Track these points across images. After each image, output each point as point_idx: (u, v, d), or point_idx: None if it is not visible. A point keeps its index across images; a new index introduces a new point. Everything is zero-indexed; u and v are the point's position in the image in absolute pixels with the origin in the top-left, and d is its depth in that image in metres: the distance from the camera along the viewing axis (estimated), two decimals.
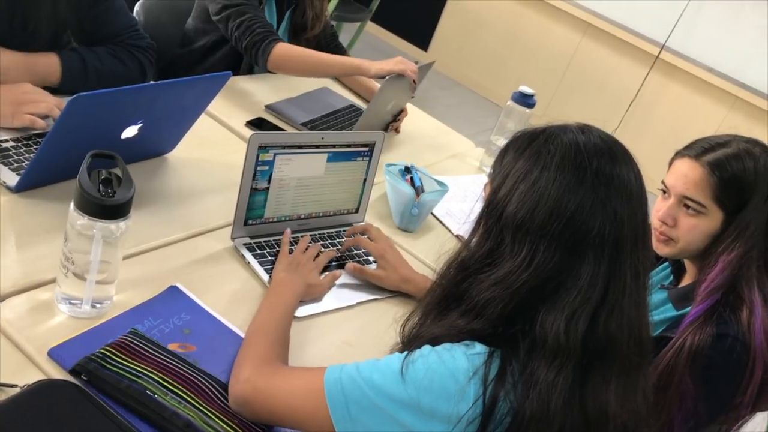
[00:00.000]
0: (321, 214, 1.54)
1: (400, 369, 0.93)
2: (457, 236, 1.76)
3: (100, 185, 1.05)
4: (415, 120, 2.26)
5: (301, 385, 1.00)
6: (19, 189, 1.31)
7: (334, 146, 1.48)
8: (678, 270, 1.59)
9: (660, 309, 1.55)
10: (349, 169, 1.54)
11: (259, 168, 1.38)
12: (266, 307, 1.22)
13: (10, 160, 1.36)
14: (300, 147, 1.42)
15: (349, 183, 1.56)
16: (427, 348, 0.95)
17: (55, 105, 1.46)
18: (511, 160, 0.99)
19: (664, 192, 1.47)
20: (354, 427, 0.94)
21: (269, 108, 1.98)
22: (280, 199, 1.44)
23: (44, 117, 1.46)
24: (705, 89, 4.69)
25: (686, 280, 1.54)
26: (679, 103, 4.82)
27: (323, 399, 0.96)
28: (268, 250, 1.41)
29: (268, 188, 1.41)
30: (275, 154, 1.39)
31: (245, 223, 1.41)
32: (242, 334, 1.19)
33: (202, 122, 1.66)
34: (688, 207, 1.41)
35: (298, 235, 1.48)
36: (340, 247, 1.50)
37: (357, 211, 1.61)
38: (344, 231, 1.56)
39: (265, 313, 1.20)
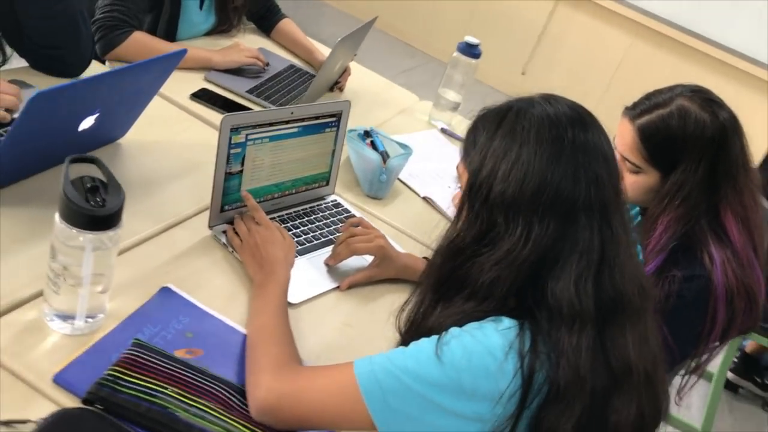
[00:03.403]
0: (294, 191, 1.49)
1: (435, 352, 0.92)
2: (424, 198, 1.75)
3: (87, 194, 0.97)
4: (357, 76, 2.20)
5: (330, 383, 0.97)
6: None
7: (303, 120, 1.42)
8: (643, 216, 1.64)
9: None
10: (319, 141, 1.48)
11: (232, 151, 1.31)
12: (259, 308, 1.16)
13: None
14: (271, 125, 1.35)
15: (319, 156, 1.51)
16: (456, 329, 0.94)
17: (16, 96, 1.33)
18: (485, 141, 0.98)
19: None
20: (394, 418, 0.93)
21: (209, 79, 1.87)
22: (254, 181, 1.38)
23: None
24: (610, 18, 4.80)
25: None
26: (586, 34, 4.92)
27: (358, 394, 0.94)
28: None
29: (241, 171, 1.34)
30: (247, 135, 1.32)
31: (222, 210, 1.35)
32: (244, 330, 1.15)
33: None
34: (627, 164, 1.45)
35: (275, 216, 1.43)
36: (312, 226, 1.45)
37: (327, 183, 1.56)
38: (318, 206, 1.52)
39: (261, 314, 1.14)
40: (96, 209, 0.96)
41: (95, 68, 1.68)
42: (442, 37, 5.25)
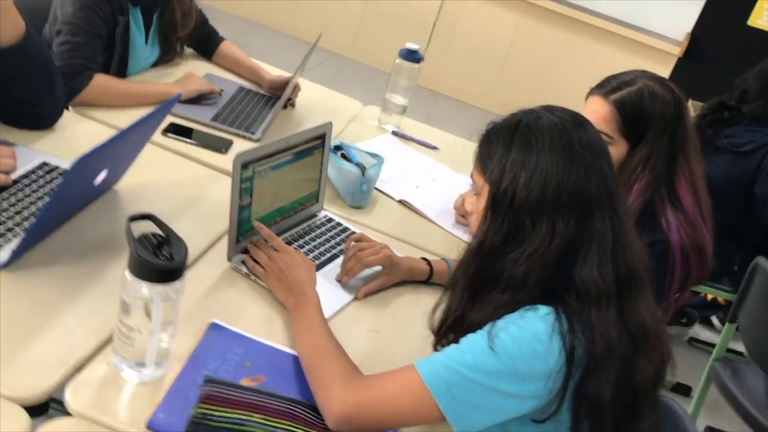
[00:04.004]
0: (292, 213, 1.58)
1: (488, 345, 1.05)
2: (400, 201, 1.87)
3: (155, 250, 1.04)
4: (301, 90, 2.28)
5: (399, 387, 1.08)
6: (10, 263, 1.22)
7: (296, 146, 1.51)
8: None
9: None
10: (310, 163, 1.58)
11: (242, 186, 1.38)
12: (305, 329, 1.25)
13: None
14: (272, 155, 1.44)
15: (311, 177, 1.60)
16: (500, 322, 1.08)
17: (12, 157, 1.35)
18: (502, 153, 1.12)
19: None
20: (461, 408, 1.06)
21: (173, 112, 1.91)
22: (260, 210, 1.46)
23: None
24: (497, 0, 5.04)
25: None
26: (477, 16, 5.14)
27: (427, 392, 1.06)
28: None
29: (251, 203, 1.42)
30: (254, 169, 1.40)
31: (237, 242, 1.42)
32: (292, 351, 1.24)
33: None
34: None
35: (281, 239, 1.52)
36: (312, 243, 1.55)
37: (317, 200, 1.66)
38: (314, 224, 1.62)
39: (309, 334, 1.23)
40: (166, 263, 1.03)
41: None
42: (336, 30, 5.35)
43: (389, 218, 1.79)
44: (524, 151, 1.11)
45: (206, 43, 2.29)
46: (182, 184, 1.63)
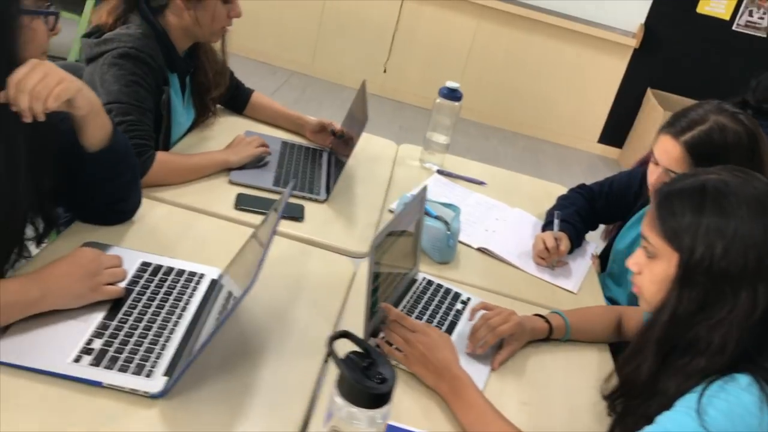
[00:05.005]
0: (398, 283, 1.53)
1: (700, 425, 1.04)
2: (479, 249, 1.85)
3: (365, 374, 0.99)
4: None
5: None
6: (167, 392, 1.14)
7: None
8: None
9: None
10: (410, 231, 1.54)
11: (373, 270, 1.33)
12: (478, 417, 1.22)
13: (122, 363, 1.16)
14: (392, 232, 1.39)
15: (412, 244, 1.56)
16: (704, 399, 1.05)
17: (120, 265, 1.30)
18: (692, 219, 1.11)
19: (656, 163, 1.70)
20: None
21: (234, 181, 1.83)
22: (383, 287, 1.42)
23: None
24: (454, 5, 5.05)
25: None
26: (436, 24, 5.14)
27: None
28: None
29: (378, 286, 1.37)
30: (375, 247, 1.35)
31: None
32: None
33: (202, 224, 1.62)
34: (671, 175, 1.66)
35: None
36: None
37: (414, 264, 1.62)
38: (418, 289, 1.58)
39: (485, 423, 1.21)
40: (381, 386, 0.98)
41: None
42: (294, 49, 5.26)
43: (476, 269, 1.77)
44: (719, 218, 1.09)
45: (236, 97, 2.21)
46: (277, 262, 1.56)
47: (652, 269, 1.17)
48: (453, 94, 2.15)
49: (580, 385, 1.45)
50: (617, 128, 5.32)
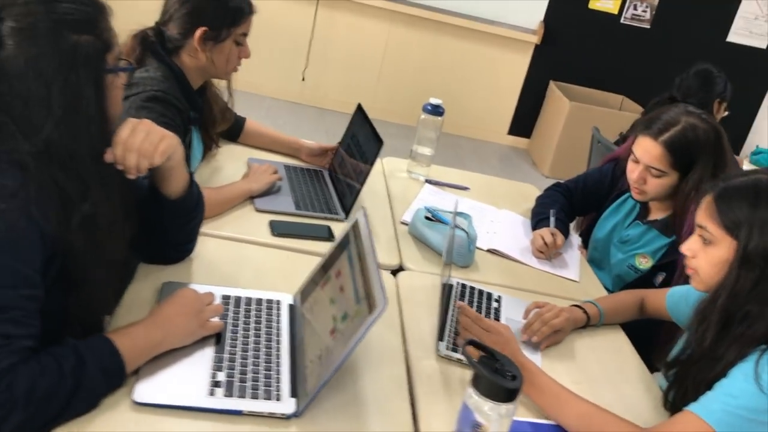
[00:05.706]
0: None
1: (757, 387, 1.26)
2: (489, 251, 2.04)
3: (500, 373, 1.16)
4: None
5: None
6: (302, 412, 1.26)
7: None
8: (644, 208, 2.14)
9: (649, 238, 2.11)
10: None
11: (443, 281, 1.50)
12: (555, 400, 1.40)
13: (251, 390, 1.27)
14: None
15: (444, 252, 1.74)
16: (760, 367, 1.28)
17: (212, 302, 1.41)
18: (749, 212, 1.35)
19: (637, 161, 1.98)
20: None
21: (260, 209, 1.94)
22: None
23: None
24: (366, 12, 5.23)
25: (656, 214, 2.11)
26: (350, 31, 5.30)
27: None
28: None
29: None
30: (446, 264, 1.52)
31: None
32: (545, 421, 1.40)
33: (249, 252, 1.72)
34: (652, 171, 1.94)
35: None
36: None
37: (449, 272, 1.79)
38: (459, 294, 1.75)
39: (564, 405, 1.39)
40: (514, 382, 1.16)
41: None
42: None
43: (492, 268, 1.97)
44: None
45: (231, 126, 2.29)
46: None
47: (710, 253, 1.40)
48: (436, 110, 2.34)
49: (619, 363, 1.68)
50: (524, 120, 5.69)
